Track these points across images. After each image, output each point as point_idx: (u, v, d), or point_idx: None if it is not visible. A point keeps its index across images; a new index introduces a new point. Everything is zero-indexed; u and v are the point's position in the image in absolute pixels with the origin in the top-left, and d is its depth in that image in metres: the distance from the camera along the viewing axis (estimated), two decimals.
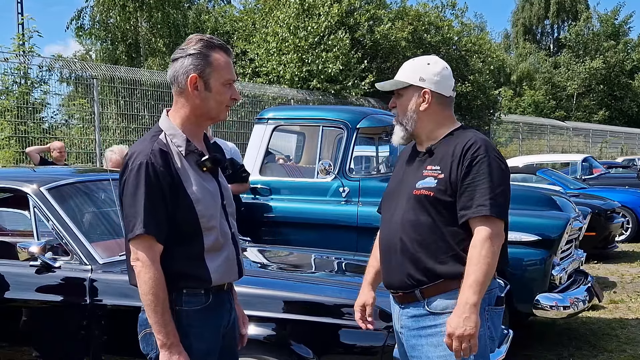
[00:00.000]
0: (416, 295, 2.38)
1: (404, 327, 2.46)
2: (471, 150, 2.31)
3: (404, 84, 2.45)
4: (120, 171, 2.24)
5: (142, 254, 2.14)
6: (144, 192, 2.14)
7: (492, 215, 2.26)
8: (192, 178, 2.24)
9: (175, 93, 2.30)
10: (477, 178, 2.28)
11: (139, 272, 2.15)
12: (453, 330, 2.21)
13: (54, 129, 12.37)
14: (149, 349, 2.27)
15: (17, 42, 13.17)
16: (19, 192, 3.63)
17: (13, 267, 3.44)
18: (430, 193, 2.34)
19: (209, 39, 2.29)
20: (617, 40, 40.57)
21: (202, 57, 2.24)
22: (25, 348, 3.48)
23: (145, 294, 2.14)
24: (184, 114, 2.30)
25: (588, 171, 14.46)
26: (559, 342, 5.57)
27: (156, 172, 2.16)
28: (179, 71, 2.26)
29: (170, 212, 2.18)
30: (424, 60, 2.47)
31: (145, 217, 2.13)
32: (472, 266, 2.23)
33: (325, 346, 3.03)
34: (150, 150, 2.19)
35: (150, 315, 2.15)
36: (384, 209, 2.55)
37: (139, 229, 2.13)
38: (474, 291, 2.21)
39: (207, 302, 2.27)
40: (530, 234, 5.06)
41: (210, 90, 2.26)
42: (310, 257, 4.36)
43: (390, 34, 18.57)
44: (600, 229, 9.11)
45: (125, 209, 2.19)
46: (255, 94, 14.93)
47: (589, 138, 30.79)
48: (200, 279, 2.25)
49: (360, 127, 5.72)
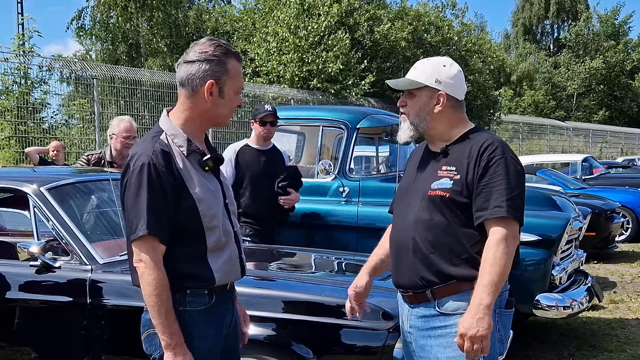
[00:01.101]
0: (427, 296, 2.37)
1: (413, 327, 2.44)
2: (488, 151, 2.30)
3: (419, 85, 2.43)
4: (122, 172, 2.24)
5: (146, 255, 2.14)
6: (146, 193, 2.14)
7: (509, 217, 2.25)
8: (194, 178, 2.24)
9: (185, 94, 2.28)
10: (494, 179, 2.27)
11: (142, 273, 2.15)
12: (466, 330, 2.19)
13: (54, 129, 12.37)
14: (152, 350, 2.26)
15: (17, 42, 13.18)
16: (19, 192, 3.63)
17: (13, 267, 3.44)
18: (445, 194, 2.32)
19: (226, 45, 2.30)
20: (617, 40, 40.59)
21: (221, 64, 2.24)
22: (25, 348, 3.48)
23: (149, 295, 2.14)
24: (189, 115, 2.29)
25: (588, 171, 14.45)
26: (559, 342, 5.57)
27: (158, 173, 2.16)
28: (196, 74, 2.24)
29: (172, 213, 2.18)
30: (440, 62, 2.46)
31: (149, 218, 2.13)
32: (487, 267, 2.22)
33: (325, 346, 3.02)
34: (152, 151, 2.18)
35: (155, 316, 2.14)
36: (396, 208, 2.53)
37: (142, 230, 2.12)
38: (489, 292, 2.20)
39: (210, 302, 2.27)
40: (530, 234, 5.06)
41: (223, 97, 2.27)
42: (310, 257, 4.35)
43: (390, 34, 18.57)
44: (600, 229, 9.10)
45: (127, 210, 2.19)
46: (255, 94, 14.92)
47: (589, 138, 30.80)
48: (203, 279, 2.24)
49: (361, 127, 5.72)
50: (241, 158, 4.92)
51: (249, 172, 4.90)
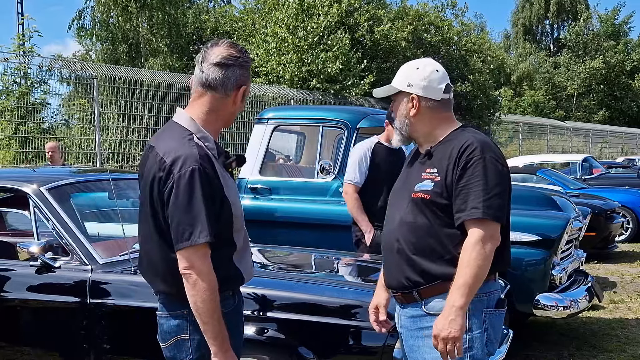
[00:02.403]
0: (414, 296, 2.39)
1: (403, 327, 2.48)
2: (467, 152, 2.30)
3: (394, 90, 2.47)
4: (162, 176, 2.16)
5: (200, 261, 2.12)
6: (202, 199, 2.11)
7: (486, 218, 2.25)
8: (227, 181, 2.26)
9: (214, 96, 2.27)
10: (471, 180, 2.28)
11: (195, 281, 2.11)
12: (438, 332, 2.23)
13: (54, 129, 12.37)
14: (182, 355, 2.25)
15: (17, 42, 13.19)
16: (19, 192, 3.63)
17: (13, 267, 3.44)
18: (427, 196, 2.34)
19: (246, 50, 2.33)
20: (617, 40, 40.57)
21: (249, 70, 2.30)
22: (25, 348, 3.48)
23: (205, 302, 2.11)
24: (214, 117, 2.29)
25: (588, 171, 14.45)
26: (559, 342, 5.57)
27: (209, 179, 2.15)
28: (231, 78, 2.25)
29: (217, 218, 2.18)
30: (414, 65, 2.48)
31: (208, 225, 2.11)
32: (462, 269, 2.24)
33: (325, 346, 3.02)
34: (198, 156, 2.16)
35: (207, 322, 2.13)
36: (388, 209, 2.56)
37: (202, 237, 2.10)
38: (462, 294, 2.21)
39: (235, 303, 2.32)
40: (530, 234, 5.06)
41: (243, 102, 2.32)
42: (310, 257, 4.36)
43: (390, 34, 18.56)
44: (600, 229, 9.10)
45: (175, 216, 2.13)
46: (255, 94, 14.91)
47: (589, 138, 30.79)
48: (235, 280, 2.29)
49: (360, 127, 5.72)
50: (376, 156, 4.71)
51: (384, 170, 4.61)
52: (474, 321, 2.32)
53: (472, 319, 2.30)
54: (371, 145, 4.76)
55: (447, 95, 2.46)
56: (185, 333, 2.20)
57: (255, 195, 5.84)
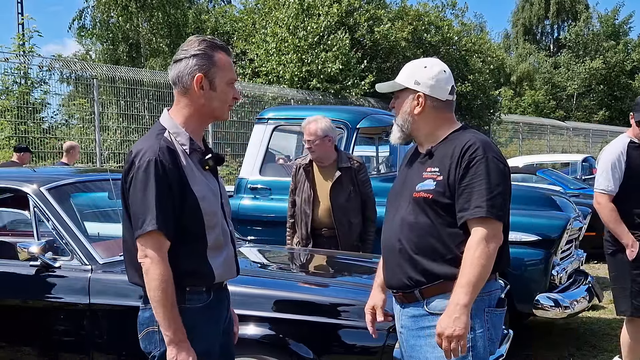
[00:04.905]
0: (416, 296, 2.39)
1: (404, 327, 2.47)
2: (469, 151, 2.31)
3: (400, 87, 2.46)
4: (125, 169, 2.24)
5: (152, 250, 2.15)
6: (154, 189, 2.15)
7: (489, 217, 2.26)
8: (196, 176, 2.26)
9: (179, 93, 2.32)
10: (474, 179, 2.29)
11: (147, 269, 2.15)
12: (443, 330, 2.24)
13: (54, 129, 12.38)
14: (152, 347, 2.27)
15: (17, 42, 13.19)
16: (19, 192, 3.63)
17: (13, 267, 3.44)
18: (429, 195, 2.34)
19: (210, 39, 2.33)
20: (617, 40, 40.55)
21: (207, 57, 2.27)
22: (25, 348, 3.48)
23: (155, 290, 2.14)
24: (187, 113, 2.31)
25: (588, 171, 14.43)
26: (559, 342, 5.57)
27: (165, 170, 2.17)
28: (184, 71, 2.27)
29: (177, 210, 2.20)
30: (421, 63, 2.48)
31: (157, 213, 2.13)
32: (465, 267, 2.24)
33: (325, 346, 3.03)
34: (158, 148, 2.20)
35: (159, 311, 2.15)
36: (387, 210, 2.55)
37: (151, 225, 2.13)
38: (466, 292, 2.22)
39: (209, 299, 2.30)
40: (530, 234, 5.06)
41: (215, 89, 2.29)
42: (310, 257, 4.36)
43: (390, 34, 18.56)
44: (600, 229, 9.07)
45: (133, 206, 2.19)
46: (255, 94, 14.92)
47: (589, 138, 30.78)
48: (204, 276, 2.27)
49: (360, 127, 5.72)
50: (630, 157, 4.23)
51: None
52: (476, 320, 2.32)
53: (474, 318, 2.30)
54: (625, 146, 4.27)
55: (452, 97, 2.47)
56: (154, 325, 2.22)
57: (255, 195, 5.84)
